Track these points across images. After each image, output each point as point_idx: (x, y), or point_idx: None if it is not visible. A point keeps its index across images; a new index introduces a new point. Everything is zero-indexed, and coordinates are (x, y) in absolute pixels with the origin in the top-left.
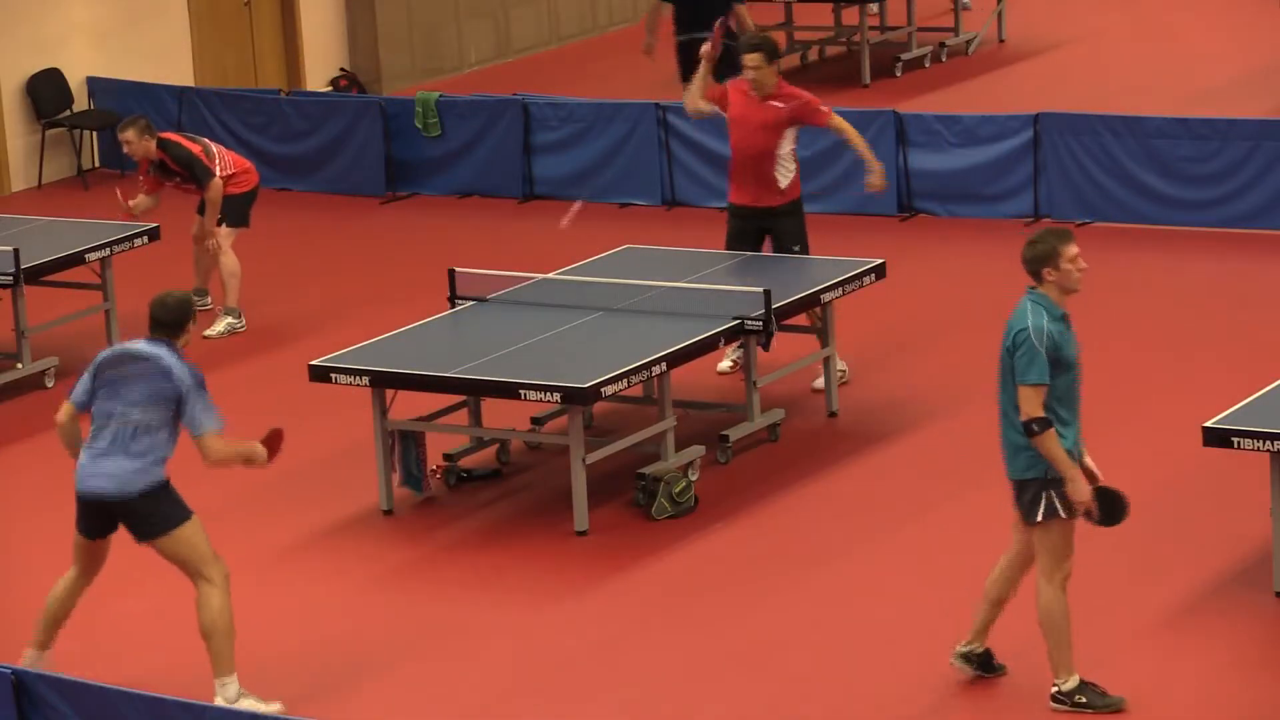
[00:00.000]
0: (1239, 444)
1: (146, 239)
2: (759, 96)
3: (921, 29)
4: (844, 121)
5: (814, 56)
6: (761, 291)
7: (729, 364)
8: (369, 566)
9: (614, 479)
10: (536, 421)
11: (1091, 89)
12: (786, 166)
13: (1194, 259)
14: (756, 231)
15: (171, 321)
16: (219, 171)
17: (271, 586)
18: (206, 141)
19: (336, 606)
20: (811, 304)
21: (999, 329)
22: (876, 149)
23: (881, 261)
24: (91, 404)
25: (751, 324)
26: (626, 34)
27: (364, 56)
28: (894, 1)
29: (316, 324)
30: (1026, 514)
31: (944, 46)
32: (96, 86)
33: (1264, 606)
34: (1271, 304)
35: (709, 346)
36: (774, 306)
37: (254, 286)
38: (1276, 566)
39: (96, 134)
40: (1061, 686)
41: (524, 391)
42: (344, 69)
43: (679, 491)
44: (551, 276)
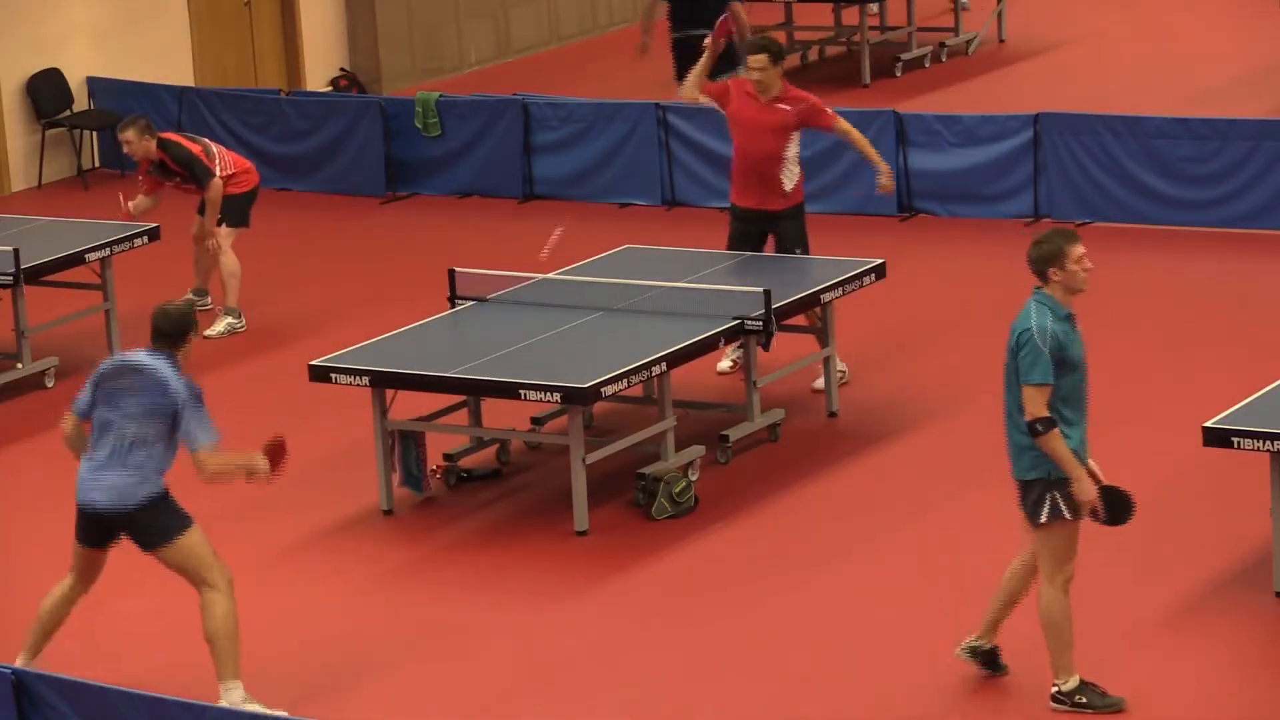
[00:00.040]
0: (1239, 444)
1: (146, 239)
2: (765, 99)
3: (921, 29)
4: (848, 124)
5: (814, 56)
6: (761, 291)
7: (729, 364)
8: (369, 566)
9: (614, 479)
10: (536, 421)
11: (1091, 89)
12: (791, 170)
13: (1194, 259)
14: (759, 235)
15: (172, 331)
16: (219, 171)
17: (271, 586)
18: (206, 141)
19: (336, 606)
20: (811, 304)
21: (999, 329)
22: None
23: (881, 261)
24: (92, 413)
25: (751, 324)
26: (626, 34)
27: (364, 56)
28: (894, 1)
29: (316, 324)
30: (1031, 515)
31: (944, 46)
32: (96, 86)
33: (1264, 606)
34: (1271, 304)
35: (709, 346)
36: (774, 306)
37: (254, 286)
38: (1276, 566)
39: (96, 134)
40: (1062, 687)
41: (524, 391)
42: (344, 69)
43: (679, 491)
44: (551, 276)
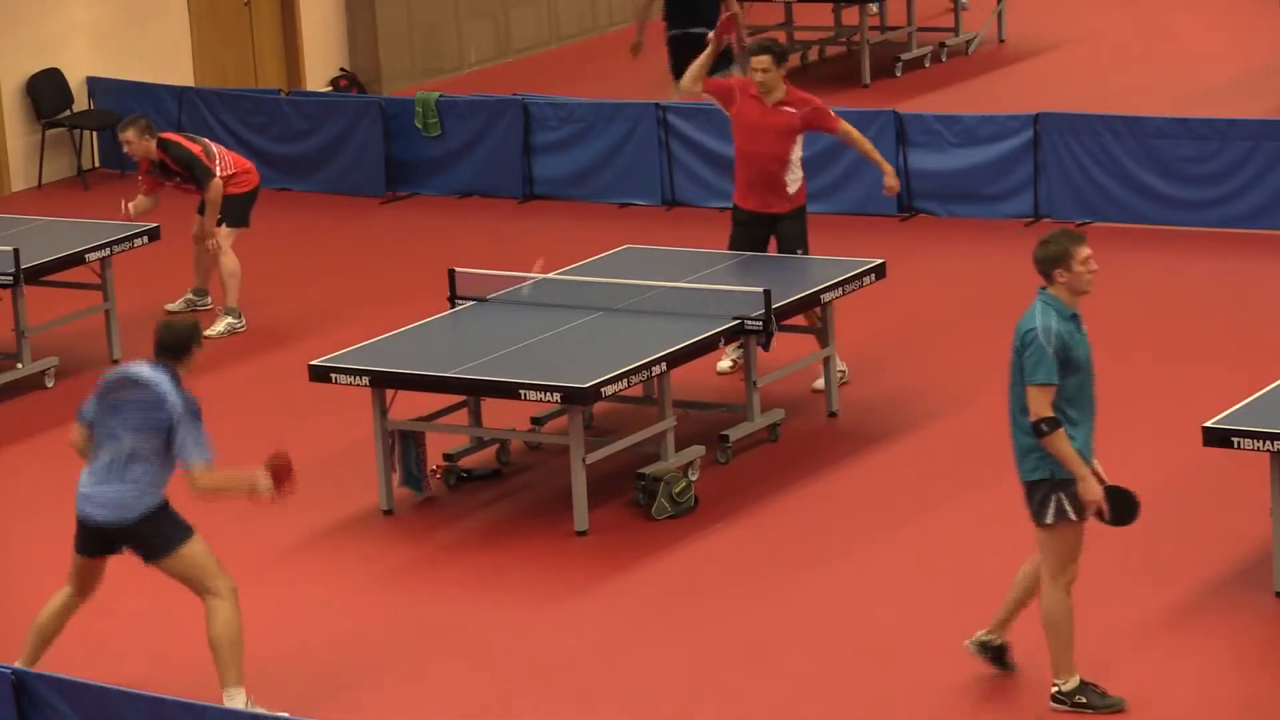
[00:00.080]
0: (1239, 444)
1: (146, 239)
2: (769, 101)
3: (921, 29)
4: (850, 127)
5: (814, 56)
6: (761, 291)
7: (729, 364)
8: (369, 566)
9: (614, 479)
10: (536, 421)
11: (1091, 89)
12: (795, 172)
13: (1194, 259)
14: (762, 237)
15: (175, 346)
16: (219, 172)
17: (271, 587)
18: (207, 141)
19: (336, 606)
20: (811, 304)
21: (999, 329)
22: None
23: (881, 261)
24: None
25: (751, 324)
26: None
27: (364, 56)
28: (894, 1)
29: (316, 324)
30: (1036, 516)
31: (944, 46)
32: (96, 86)
33: (1264, 606)
34: (1271, 304)
35: (709, 346)
36: (774, 306)
37: (254, 286)
38: (1276, 566)
39: (96, 134)
40: (1062, 687)
41: (524, 391)
42: (344, 69)
43: (679, 491)
44: (551, 276)
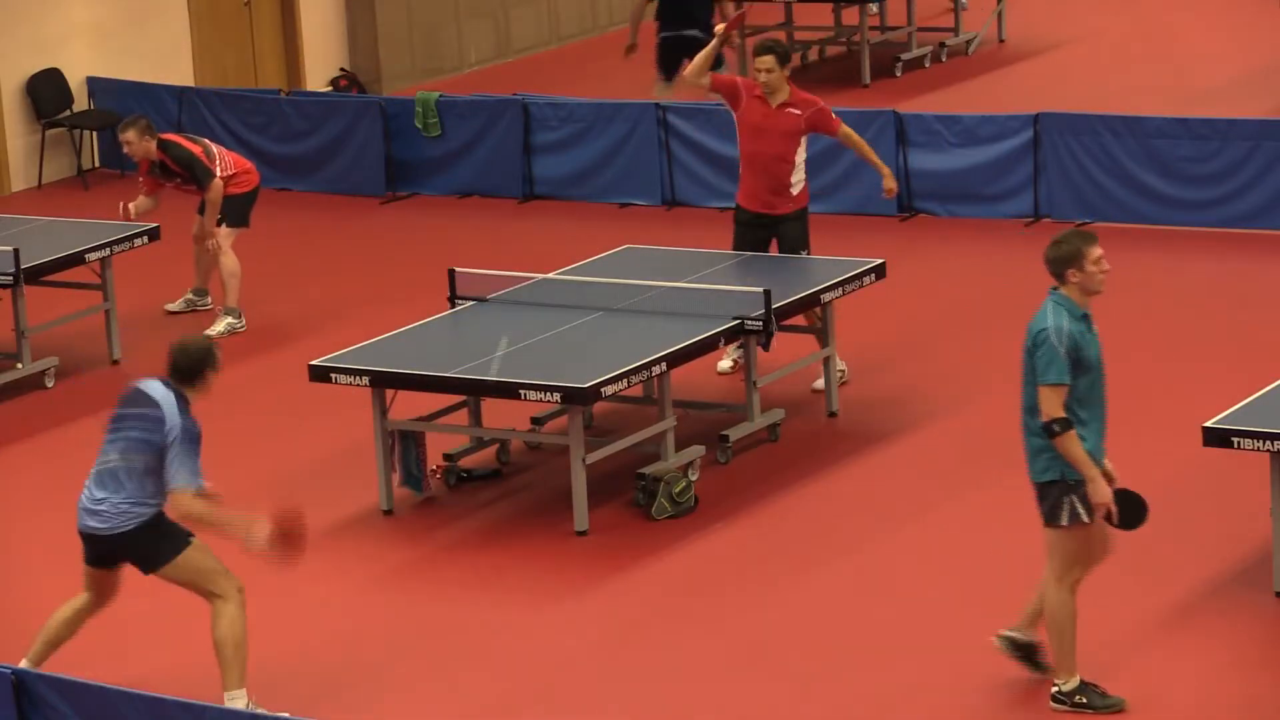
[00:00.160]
0: (1239, 444)
1: (146, 239)
2: (773, 103)
3: (921, 29)
4: (850, 130)
5: (814, 56)
6: (761, 291)
7: (729, 364)
8: (369, 566)
9: (614, 479)
10: (536, 421)
11: (1091, 89)
12: (800, 174)
13: (1194, 259)
14: (764, 240)
15: (186, 368)
16: (219, 172)
17: (272, 587)
18: (207, 142)
19: (336, 606)
20: (811, 304)
21: (999, 329)
22: (877, 149)
23: (881, 261)
24: None
25: (751, 324)
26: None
27: (364, 56)
28: (894, 1)
29: (316, 324)
30: (1049, 518)
31: (944, 46)
32: (96, 86)
33: (1264, 606)
34: (1271, 304)
35: (709, 346)
36: (774, 306)
37: (254, 286)
38: (1276, 566)
39: (96, 134)
40: (1062, 687)
41: (524, 391)
42: (344, 69)
43: (679, 491)
44: (551, 276)
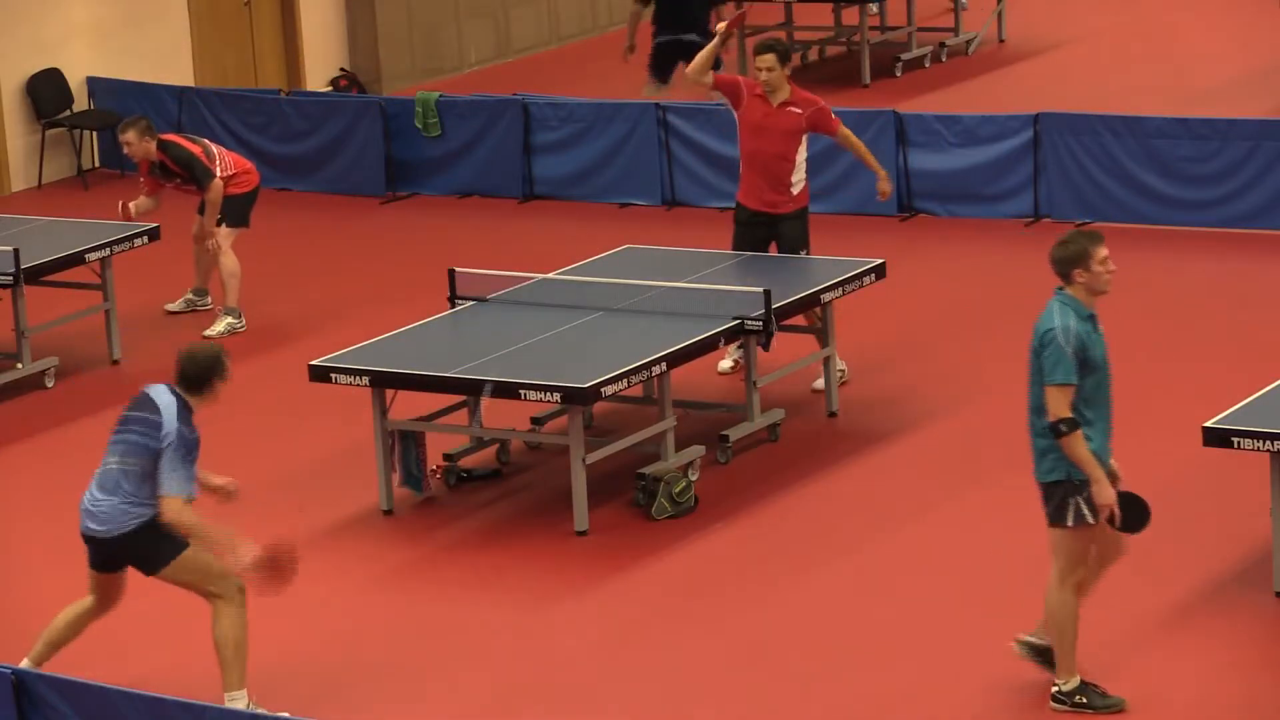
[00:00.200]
0: (1239, 444)
1: (146, 239)
2: (774, 101)
3: (921, 29)
4: (849, 131)
5: (814, 56)
6: (761, 291)
7: (730, 364)
8: (369, 566)
9: (614, 479)
10: (536, 421)
11: (1091, 89)
12: (800, 173)
13: (1194, 259)
14: (764, 239)
15: (194, 376)
16: (219, 172)
17: None
18: (206, 142)
19: (336, 606)
20: (811, 304)
21: (999, 329)
22: (876, 149)
23: (881, 261)
24: None
25: (751, 324)
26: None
27: (364, 56)
28: (894, 1)
29: (316, 324)
30: (1054, 519)
31: (944, 46)
32: (96, 86)
33: (1264, 606)
34: (1271, 304)
35: (709, 346)
36: (774, 306)
37: (254, 286)
38: (1276, 566)
39: (96, 134)
40: (1062, 687)
41: (524, 391)
42: (344, 69)
43: (679, 491)
44: (551, 276)
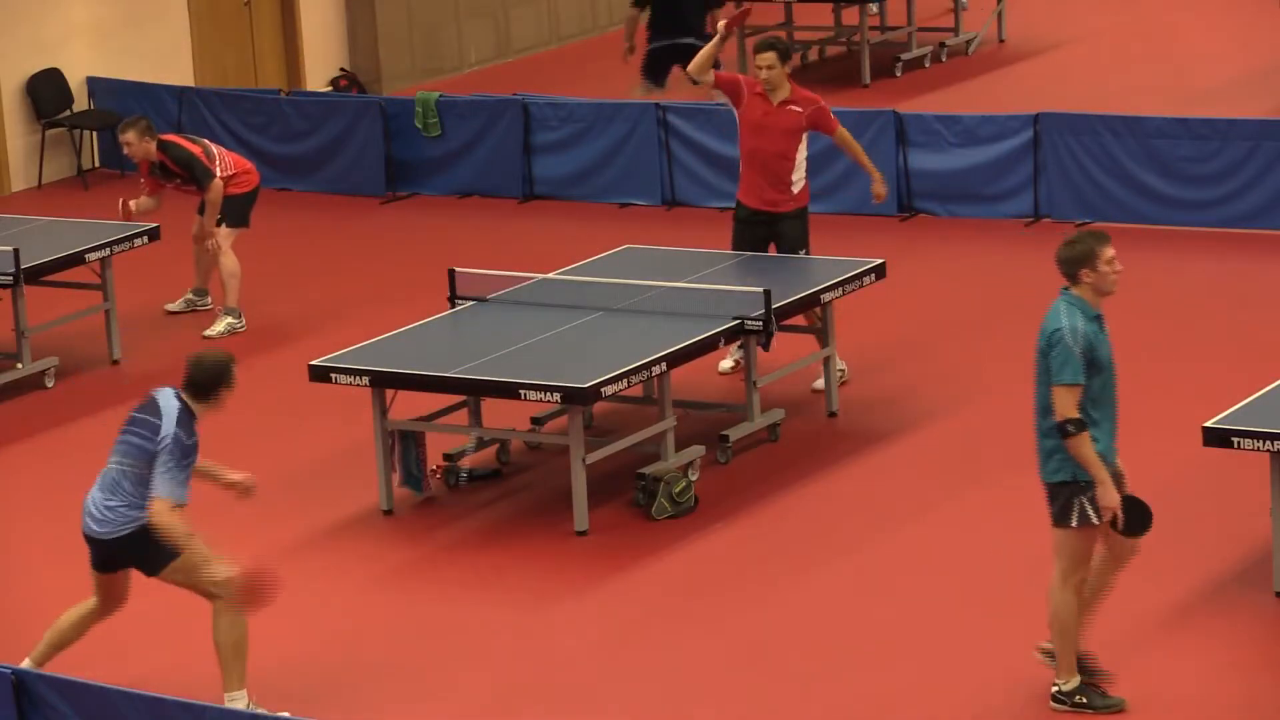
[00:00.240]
0: (1239, 444)
1: (146, 239)
2: (774, 100)
3: (921, 29)
4: (846, 131)
5: (814, 56)
6: (761, 291)
7: (731, 364)
8: (369, 566)
9: (614, 479)
10: (536, 421)
11: (1091, 89)
12: (800, 171)
13: (1194, 259)
14: (763, 238)
15: (200, 383)
16: (219, 172)
17: None
18: (206, 142)
19: (336, 606)
20: (811, 304)
21: (999, 329)
22: (876, 149)
23: (881, 261)
24: None
25: (751, 324)
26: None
27: (364, 56)
28: (894, 1)
29: (316, 324)
30: (1058, 519)
31: (944, 46)
32: (96, 86)
33: (1264, 606)
34: (1271, 304)
35: (709, 346)
36: (774, 306)
37: (254, 286)
38: (1276, 566)
39: (96, 134)
40: (1062, 687)
41: (524, 391)
42: (344, 69)
43: (679, 491)
44: (551, 276)
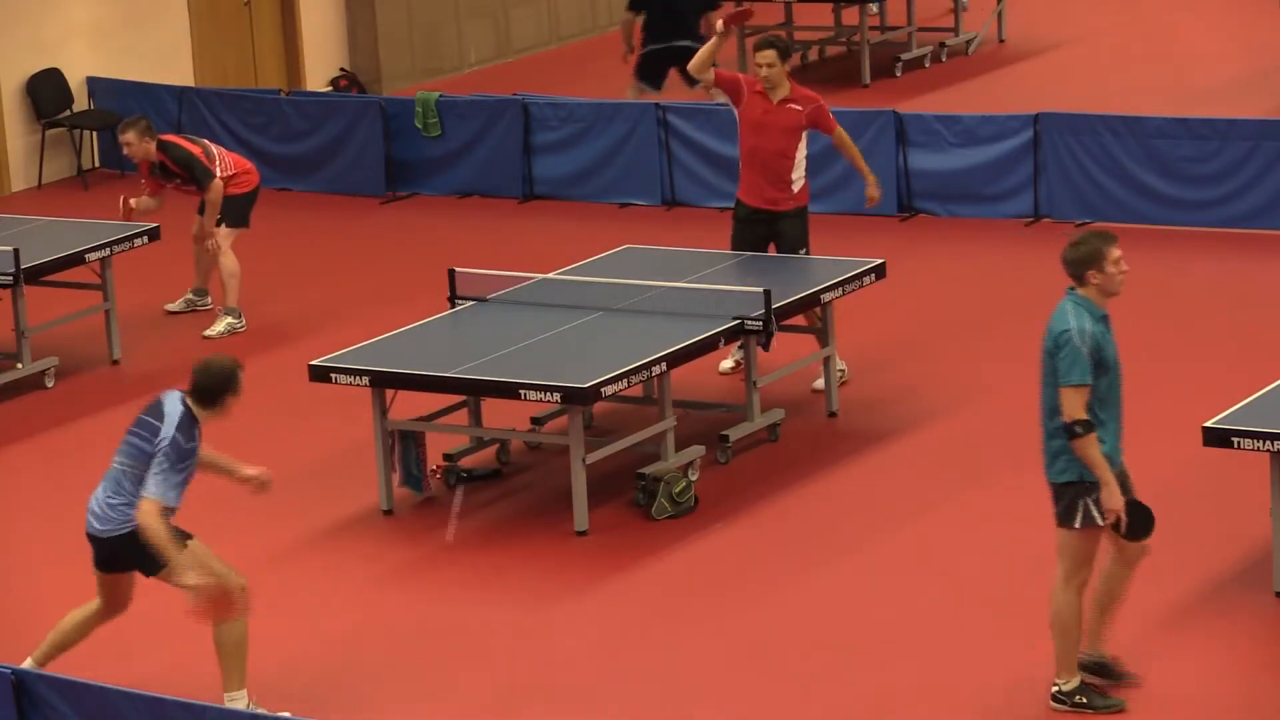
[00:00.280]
0: (1239, 444)
1: (146, 239)
2: (774, 98)
3: (921, 29)
4: (844, 132)
5: (814, 56)
6: (761, 291)
7: (731, 363)
8: (369, 566)
9: (614, 479)
10: (536, 421)
11: (1091, 89)
12: (800, 170)
13: (1194, 259)
14: (763, 237)
15: (205, 388)
16: (219, 172)
17: (272, 587)
18: (206, 143)
19: (336, 606)
20: (811, 304)
21: (999, 329)
22: (876, 149)
23: (881, 261)
24: None
25: (751, 324)
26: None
27: (364, 56)
28: (894, 1)
29: (316, 324)
30: (1062, 519)
31: (944, 46)
32: (96, 86)
33: (1264, 606)
34: (1271, 304)
35: (709, 346)
36: (774, 306)
37: (254, 286)
38: (1276, 566)
39: (96, 134)
40: (1062, 686)
41: (524, 391)
42: (344, 69)
43: (679, 491)
44: (551, 276)
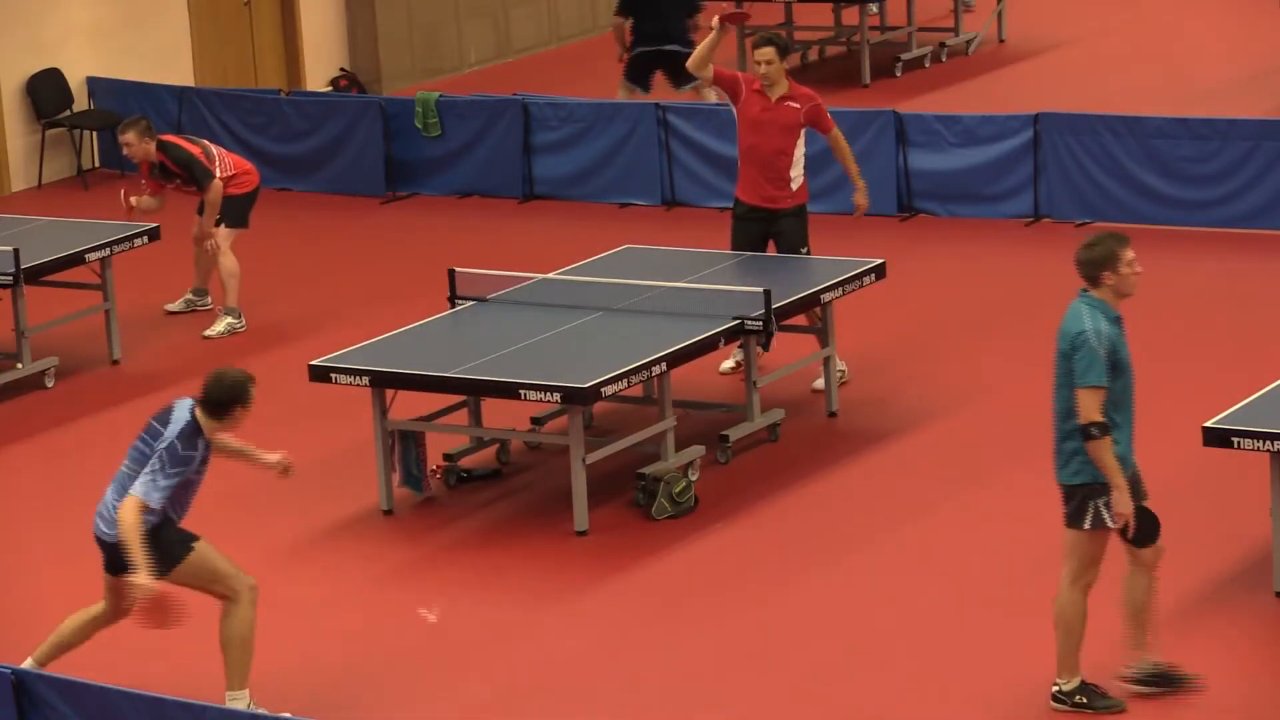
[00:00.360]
0: (1239, 444)
1: (146, 239)
2: (773, 96)
3: (921, 29)
4: (840, 134)
5: (814, 56)
6: (761, 291)
7: (732, 363)
8: (369, 566)
9: (614, 479)
10: (536, 421)
11: (1091, 89)
12: (799, 168)
13: (1194, 259)
14: (762, 236)
15: (216, 399)
16: (219, 173)
17: (272, 587)
18: (206, 143)
19: (336, 606)
20: (811, 304)
21: (999, 329)
22: (876, 149)
23: (881, 261)
24: None
25: (751, 324)
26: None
27: (364, 56)
28: (894, 1)
29: (316, 324)
30: (1072, 520)
31: (944, 46)
32: (96, 86)
33: (1264, 606)
34: (1271, 304)
35: (709, 346)
36: (774, 306)
37: (254, 286)
38: (1276, 566)
39: (96, 134)
40: (1063, 686)
41: (524, 391)
42: (344, 69)
43: (679, 491)
44: (551, 276)
